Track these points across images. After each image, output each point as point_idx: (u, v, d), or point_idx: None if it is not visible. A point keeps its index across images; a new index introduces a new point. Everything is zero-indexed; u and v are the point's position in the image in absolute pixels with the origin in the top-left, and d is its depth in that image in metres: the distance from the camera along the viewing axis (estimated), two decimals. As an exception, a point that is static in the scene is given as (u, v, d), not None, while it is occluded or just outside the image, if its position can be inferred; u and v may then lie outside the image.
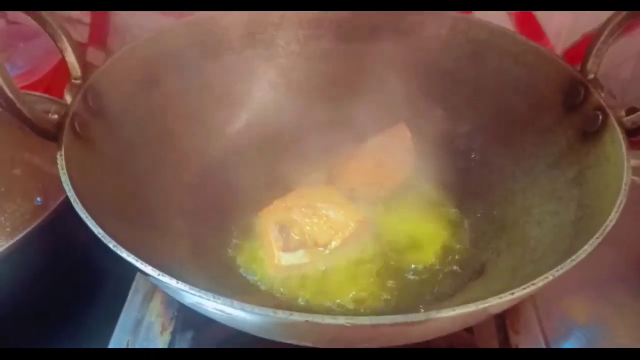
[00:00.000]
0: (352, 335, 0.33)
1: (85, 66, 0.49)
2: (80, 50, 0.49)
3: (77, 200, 0.37)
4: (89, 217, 0.35)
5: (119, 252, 0.34)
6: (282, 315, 0.30)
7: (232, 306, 0.31)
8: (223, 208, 0.54)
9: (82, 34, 0.81)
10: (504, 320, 0.50)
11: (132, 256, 0.34)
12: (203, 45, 0.58)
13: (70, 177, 0.39)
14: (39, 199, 0.61)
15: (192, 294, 0.32)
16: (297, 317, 0.30)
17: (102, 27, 0.80)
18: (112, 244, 0.34)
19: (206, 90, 0.58)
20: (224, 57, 0.59)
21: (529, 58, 0.53)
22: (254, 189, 0.55)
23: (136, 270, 0.34)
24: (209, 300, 0.31)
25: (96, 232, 0.35)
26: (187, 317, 0.51)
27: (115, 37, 0.80)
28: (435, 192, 0.54)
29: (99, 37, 0.81)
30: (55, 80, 0.75)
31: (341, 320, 0.30)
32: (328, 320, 0.30)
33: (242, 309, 0.31)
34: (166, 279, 0.33)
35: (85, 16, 0.79)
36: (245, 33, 0.59)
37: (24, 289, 0.50)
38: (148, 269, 0.33)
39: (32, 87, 0.72)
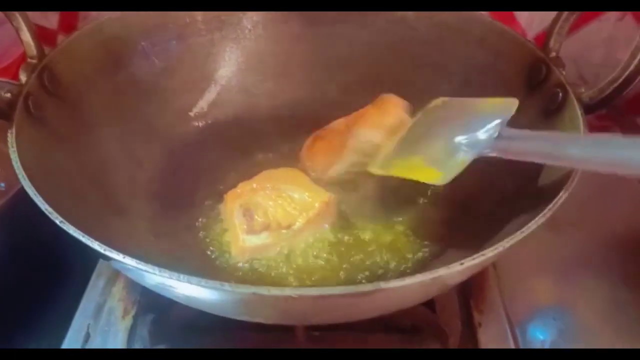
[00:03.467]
0: (302, 308, 0.32)
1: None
2: (35, 28, 0.48)
3: (25, 177, 0.36)
4: (37, 194, 0.35)
5: (65, 228, 0.33)
6: (228, 287, 0.30)
7: (178, 279, 0.30)
8: (188, 190, 0.53)
9: (51, 21, 0.79)
10: (467, 299, 0.50)
11: (79, 232, 0.33)
12: (167, 26, 0.57)
13: (20, 155, 0.38)
14: (2, 184, 0.60)
15: (139, 268, 0.32)
16: (243, 289, 0.30)
17: (71, 13, 0.78)
18: (58, 220, 0.34)
19: (171, 72, 0.58)
20: (189, 38, 0.59)
21: (494, 39, 0.53)
22: (219, 170, 0.54)
23: (92, 250, 0.33)
24: (155, 274, 0.31)
25: (43, 209, 0.34)
26: (149, 301, 0.50)
27: (85, 22, 0.78)
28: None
29: (68, 23, 0.80)
30: (23, 66, 0.74)
31: (287, 292, 0.29)
32: (274, 291, 0.29)
33: (189, 282, 0.30)
34: (113, 254, 0.32)
35: (54, 2, 0.77)
36: (211, 14, 0.59)
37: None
38: (95, 244, 0.32)
39: (0, 72, 0.71)
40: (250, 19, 0.60)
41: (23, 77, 0.45)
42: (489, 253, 0.32)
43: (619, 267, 0.53)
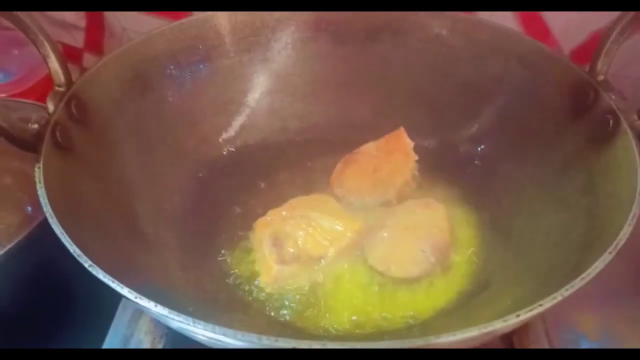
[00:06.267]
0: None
1: (83, 71, 0.48)
2: (64, 55, 0.47)
3: (53, 215, 0.35)
4: (64, 234, 0.33)
5: (94, 273, 0.32)
6: (266, 341, 0.28)
7: (213, 331, 0.29)
8: (215, 218, 0.52)
9: (77, 39, 0.79)
10: (510, 335, 0.47)
11: (109, 277, 0.31)
12: (195, 49, 0.56)
13: (48, 191, 0.37)
14: (29, 209, 0.59)
15: (171, 318, 0.30)
16: (283, 344, 0.28)
17: (97, 31, 0.78)
18: (87, 263, 0.32)
19: (199, 96, 0.57)
20: (217, 60, 0.57)
21: (534, 59, 0.50)
22: (248, 196, 0.53)
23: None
24: (189, 325, 0.29)
25: (71, 250, 0.33)
26: (177, 334, 0.49)
27: (111, 40, 0.78)
28: (437, 200, 0.51)
29: (94, 42, 0.79)
30: (49, 87, 0.73)
31: (330, 346, 0.27)
32: (316, 346, 0.27)
33: (224, 334, 0.29)
34: (144, 302, 0.30)
35: (80, 20, 0.77)
36: (240, 36, 0.57)
37: (6, 301, 0.49)
38: (124, 291, 0.31)
39: (24, 94, 0.70)
40: (279, 40, 0.58)
41: (51, 107, 0.44)
42: (546, 303, 0.30)
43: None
